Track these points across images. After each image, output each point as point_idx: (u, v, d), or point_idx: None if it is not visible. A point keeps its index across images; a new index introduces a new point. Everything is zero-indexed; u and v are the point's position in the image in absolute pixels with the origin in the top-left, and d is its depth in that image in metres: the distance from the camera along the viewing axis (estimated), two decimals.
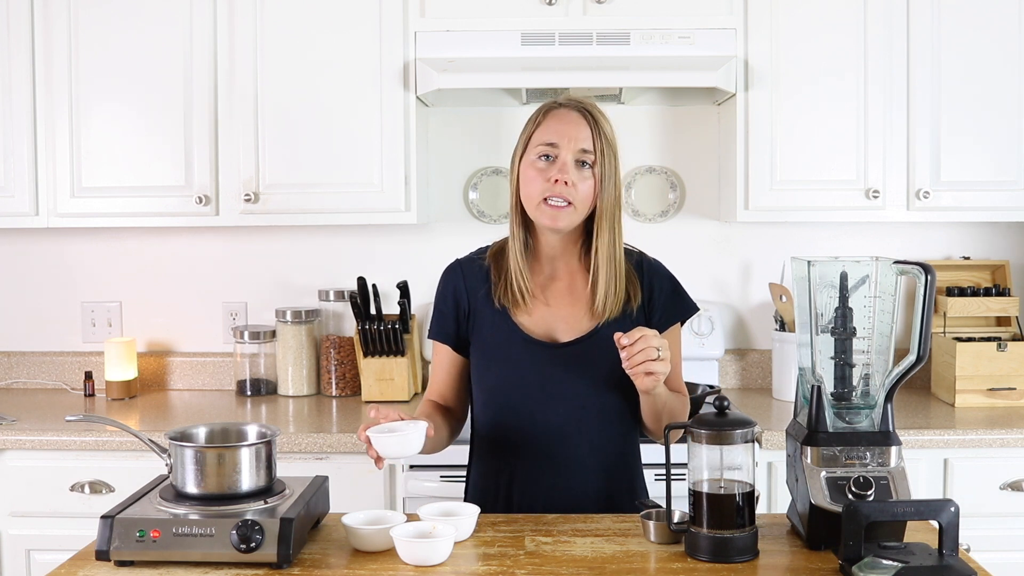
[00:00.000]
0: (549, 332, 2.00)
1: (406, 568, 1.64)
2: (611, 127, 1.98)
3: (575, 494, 1.98)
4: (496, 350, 2.01)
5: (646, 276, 2.03)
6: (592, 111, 1.97)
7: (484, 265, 2.06)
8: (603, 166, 1.94)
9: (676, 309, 2.04)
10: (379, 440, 1.78)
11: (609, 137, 1.96)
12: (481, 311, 2.03)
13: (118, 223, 3.11)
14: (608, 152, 1.95)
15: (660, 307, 2.02)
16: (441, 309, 2.08)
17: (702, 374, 3.22)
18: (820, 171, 2.98)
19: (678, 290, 2.06)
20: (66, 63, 3.02)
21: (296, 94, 3.00)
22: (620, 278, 1.97)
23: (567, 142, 1.93)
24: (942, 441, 2.72)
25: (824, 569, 1.63)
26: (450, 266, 2.11)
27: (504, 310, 2.01)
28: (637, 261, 2.05)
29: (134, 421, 2.95)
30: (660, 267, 2.07)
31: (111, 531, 1.65)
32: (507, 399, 2.00)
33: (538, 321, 2.00)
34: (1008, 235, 3.35)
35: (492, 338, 2.01)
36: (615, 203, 1.97)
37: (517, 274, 1.99)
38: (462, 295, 2.05)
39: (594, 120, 1.95)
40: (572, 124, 1.94)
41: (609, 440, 2.01)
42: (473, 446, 2.10)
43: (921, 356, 1.65)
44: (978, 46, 2.96)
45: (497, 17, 2.95)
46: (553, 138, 1.94)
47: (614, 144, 1.97)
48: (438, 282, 2.10)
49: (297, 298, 3.40)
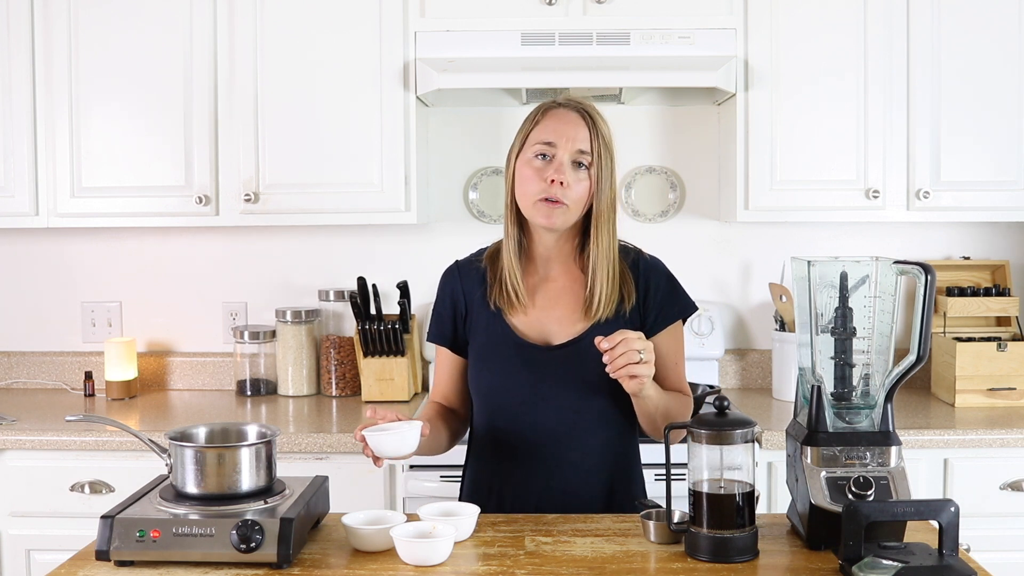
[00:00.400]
0: (542, 334, 2.00)
1: (406, 568, 1.64)
2: (609, 129, 1.98)
3: (568, 498, 1.97)
4: (490, 353, 2.01)
5: (642, 275, 2.02)
6: (591, 112, 1.96)
7: (481, 267, 2.06)
8: (599, 167, 1.94)
9: (673, 308, 2.02)
10: (374, 439, 1.78)
11: (606, 139, 1.95)
12: (477, 313, 2.03)
13: (118, 223, 3.11)
14: (605, 154, 1.94)
15: (656, 306, 2.00)
16: (439, 312, 2.08)
17: (702, 374, 3.22)
18: (820, 171, 2.98)
19: (675, 288, 2.04)
20: (66, 63, 3.02)
21: (296, 94, 3.00)
22: (614, 280, 1.97)
23: (565, 142, 1.93)
24: (942, 441, 2.72)
25: (824, 569, 1.63)
26: (448, 269, 2.11)
27: (499, 312, 2.00)
28: (633, 260, 2.03)
29: (134, 421, 2.95)
30: (658, 265, 2.05)
31: (111, 531, 1.65)
32: (500, 402, 2.00)
33: (532, 323, 2.00)
34: (1008, 235, 3.35)
35: (486, 341, 2.01)
36: (611, 204, 1.96)
37: (511, 274, 1.99)
38: (459, 297, 2.05)
39: (592, 121, 1.95)
40: (570, 124, 1.94)
41: (603, 444, 2.00)
42: (470, 446, 2.11)
43: (921, 356, 1.65)
44: (978, 46, 2.96)
45: (497, 17, 2.95)
46: (551, 137, 1.94)
47: (611, 146, 1.97)
48: (437, 285, 2.10)
49: (297, 298, 3.40)
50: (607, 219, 1.96)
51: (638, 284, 2.00)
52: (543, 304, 2.01)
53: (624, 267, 2.01)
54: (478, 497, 2.02)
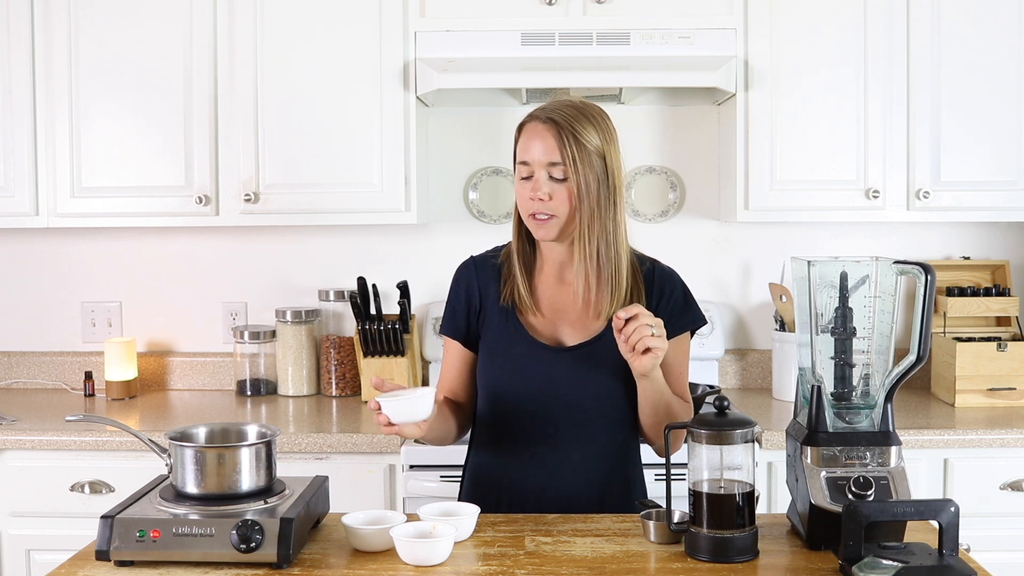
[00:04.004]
0: (555, 335, 2.01)
1: (406, 568, 1.64)
2: (593, 129, 1.92)
3: (567, 498, 1.97)
4: (501, 350, 2.01)
5: (656, 283, 2.01)
6: (559, 119, 1.91)
7: (498, 263, 2.07)
8: (578, 174, 1.90)
9: (684, 318, 2.02)
10: (389, 405, 1.78)
11: (585, 142, 1.91)
12: (491, 309, 2.03)
13: (118, 223, 3.11)
14: (583, 158, 1.90)
15: (667, 314, 1.98)
16: (454, 305, 2.08)
17: (702, 374, 3.22)
18: (820, 171, 2.98)
19: (688, 300, 2.04)
20: (66, 63, 3.02)
21: (296, 94, 3.00)
22: (620, 281, 1.96)
23: (536, 158, 1.93)
24: (942, 441, 2.72)
25: (824, 569, 1.63)
26: (464, 263, 2.11)
27: (513, 310, 2.01)
28: (649, 269, 2.03)
29: (134, 421, 2.95)
30: (674, 275, 2.05)
31: (111, 531, 1.65)
32: (507, 399, 2.00)
33: (546, 324, 2.01)
34: (1008, 235, 3.35)
35: (498, 337, 2.02)
36: (606, 205, 1.93)
37: (518, 280, 2.00)
38: (474, 292, 2.06)
39: (561, 129, 1.91)
40: (538, 138, 1.93)
41: (605, 447, 2.00)
42: (472, 441, 2.11)
43: (921, 356, 1.65)
44: (978, 46, 2.96)
45: (497, 17, 2.95)
46: (525, 156, 1.95)
47: (593, 147, 1.91)
48: (452, 279, 2.11)
49: (297, 298, 3.40)
50: (601, 221, 1.93)
51: (651, 292, 2.00)
52: (558, 306, 2.01)
53: (638, 274, 2.01)
54: (478, 492, 2.02)
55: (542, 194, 1.92)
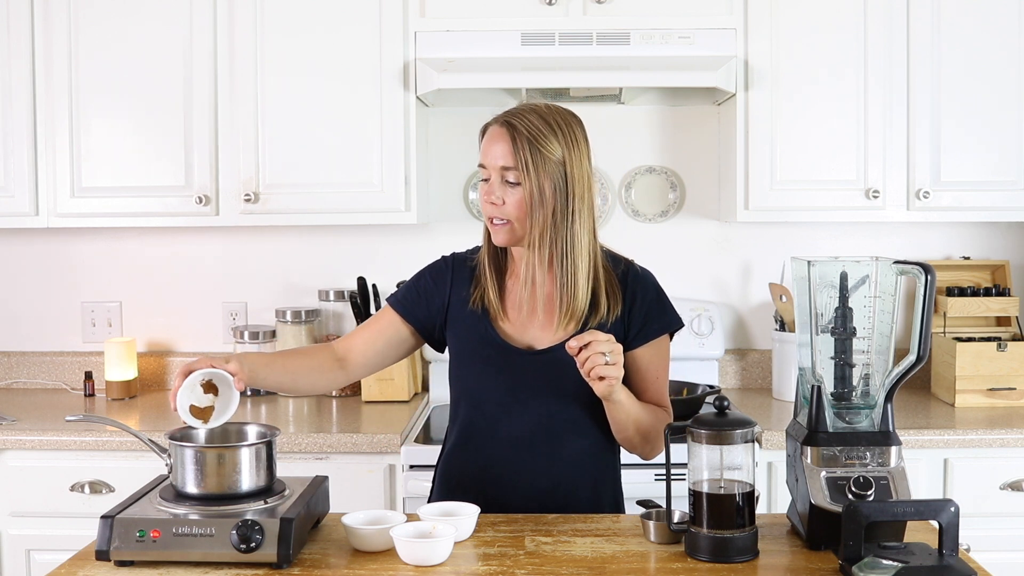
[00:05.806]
0: (526, 338, 1.99)
1: (406, 568, 1.64)
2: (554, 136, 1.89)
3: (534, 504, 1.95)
4: (471, 352, 2.01)
5: (630, 286, 1.99)
6: (518, 124, 1.89)
7: (472, 265, 2.05)
8: (531, 180, 1.88)
9: (657, 322, 1.98)
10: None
11: (543, 148, 1.88)
12: (460, 310, 2.02)
13: (118, 223, 3.11)
14: (538, 164, 1.88)
15: (640, 318, 1.97)
16: (417, 287, 2.07)
17: (702, 374, 3.22)
18: (820, 171, 2.98)
19: (663, 303, 2.00)
20: (66, 63, 3.02)
21: (296, 94, 3.00)
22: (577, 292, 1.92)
23: (491, 162, 1.92)
24: (942, 441, 2.72)
25: (824, 569, 1.63)
26: (444, 257, 2.10)
27: (484, 313, 2.00)
28: (623, 271, 2.00)
29: (134, 421, 2.95)
30: (647, 277, 2.02)
31: (111, 531, 1.65)
32: (478, 403, 2.00)
33: (517, 327, 1.99)
34: (1008, 235, 3.35)
35: (468, 339, 2.01)
36: (563, 214, 1.89)
37: (488, 284, 1.99)
38: (444, 288, 2.04)
39: (517, 134, 1.89)
40: (493, 142, 1.92)
41: (576, 453, 1.98)
42: (445, 443, 2.09)
43: (921, 356, 1.65)
44: (978, 46, 2.96)
45: (497, 17, 2.95)
46: (482, 159, 1.95)
47: (552, 154, 1.88)
48: (427, 265, 2.10)
49: (297, 298, 3.40)
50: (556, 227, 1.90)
51: (625, 294, 1.98)
52: (528, 309, 1.98)
53: (612, 277, 1.98)
54: (447, 493, 2.01)
55: (495, 198, 1.92)
